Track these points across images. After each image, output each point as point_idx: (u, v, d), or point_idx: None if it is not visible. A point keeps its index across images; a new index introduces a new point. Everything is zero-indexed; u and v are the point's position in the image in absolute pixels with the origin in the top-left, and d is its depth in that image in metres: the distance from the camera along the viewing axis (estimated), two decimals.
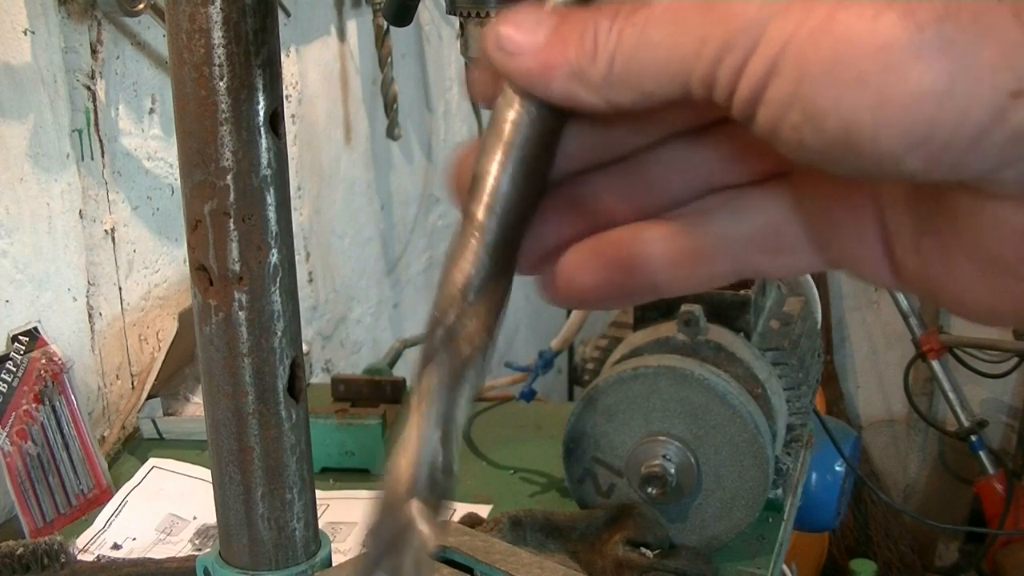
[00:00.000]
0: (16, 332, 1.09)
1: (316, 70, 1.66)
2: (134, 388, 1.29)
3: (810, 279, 1.18)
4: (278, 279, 0.65)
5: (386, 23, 1.69)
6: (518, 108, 0.33)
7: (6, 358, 1.06)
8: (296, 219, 1.02)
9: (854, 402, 3.03)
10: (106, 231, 1.25)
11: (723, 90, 0.30)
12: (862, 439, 2.87)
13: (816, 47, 0.28)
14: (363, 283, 1.87)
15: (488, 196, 0.33)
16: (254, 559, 0.69)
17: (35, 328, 1.10)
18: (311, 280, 1.69)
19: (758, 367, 0.99)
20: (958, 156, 0.27)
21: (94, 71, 1.21)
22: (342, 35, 1.73)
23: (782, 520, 1.04)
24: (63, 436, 1.10)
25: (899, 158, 0.28)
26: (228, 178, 0.62)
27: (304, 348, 0.71)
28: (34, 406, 1.07)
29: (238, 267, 0.63)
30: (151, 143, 1.31)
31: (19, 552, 0.92)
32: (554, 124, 0.33)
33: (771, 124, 0.29)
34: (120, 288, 1.28)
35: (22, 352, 1.08)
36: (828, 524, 1.34)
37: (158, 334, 1.34)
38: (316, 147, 1.68)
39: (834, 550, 2.56)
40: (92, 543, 1.05)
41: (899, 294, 2.57)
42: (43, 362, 1.09)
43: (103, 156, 1.23)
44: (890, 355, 2.93)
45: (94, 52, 1.21)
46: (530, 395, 1.19)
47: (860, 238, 0.34)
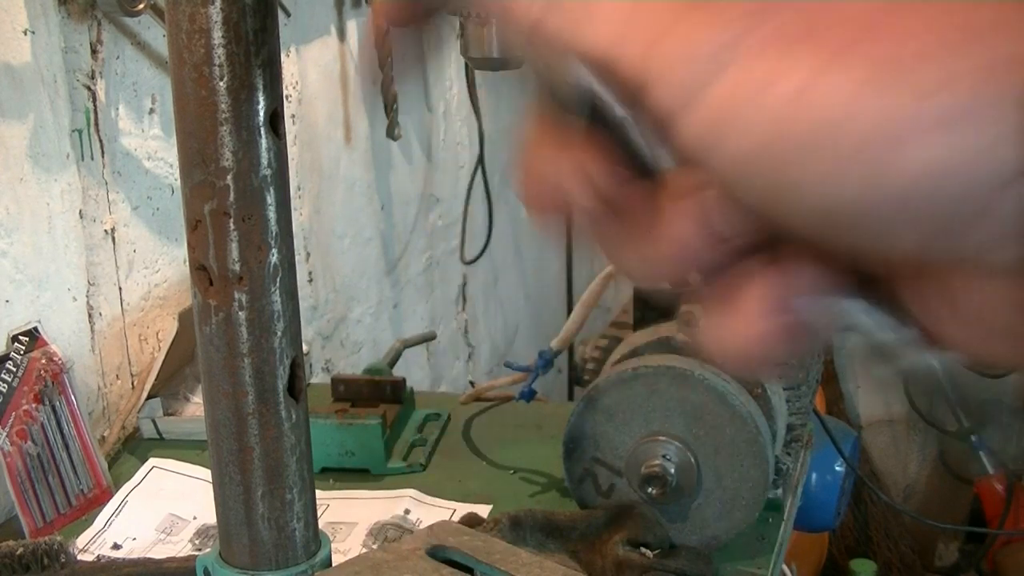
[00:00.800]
0: (16, 332, 1.09)
1: (316, 70, 1.66)
2: (134, 388, 1.29)
3: None
4: (278, 279, 0.65)
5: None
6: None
7: (6, 358, 1.06)
8: (296, 219, 1.03)
9: (854, 402, 3.03)
10: (106, 231, 1.25)
11: (665, 106, 0.27)
12: (862, 439, 2.87)
13: (797, 114, 0.25)
14: (363, 283, 1.87)
15: None
16: (254, 559, 0.69)
17: (35, 328, 1.10)
18: (311, 280, 1.69)
19: None
20: (959, 234, 0.25)
21: (94, 71, 1.21)
22: (342, 35, 1.73)
23: (782, 520, 1.04)
24: (63, 436, 1.10)
25: (892, 234, 0.26)
26: (228, 178, 0.62)
27: (304, 348, 0.71)
28: (34, 406, 1.07)
29: (238, 267, 0.63)
30: (151, 143, 1.31)
31: (19, 552, 0.92)
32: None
33: (729, 177, 0.27)
34: (120, 288, 1.28)
35: (22, 352, 1.08)
36: (828, 524, 1.34)
37: (158, 334, 1.34)
38: (316, 147, 1.68)
39: (834, 550, 2.56)
40: (92, 543, 1.05)
41: None
42: (43, 362, 1.09)
43: (103, 156, 1.23)
44: None
45: (94, 52, 1.21)
46: (530, 395, 1.19)
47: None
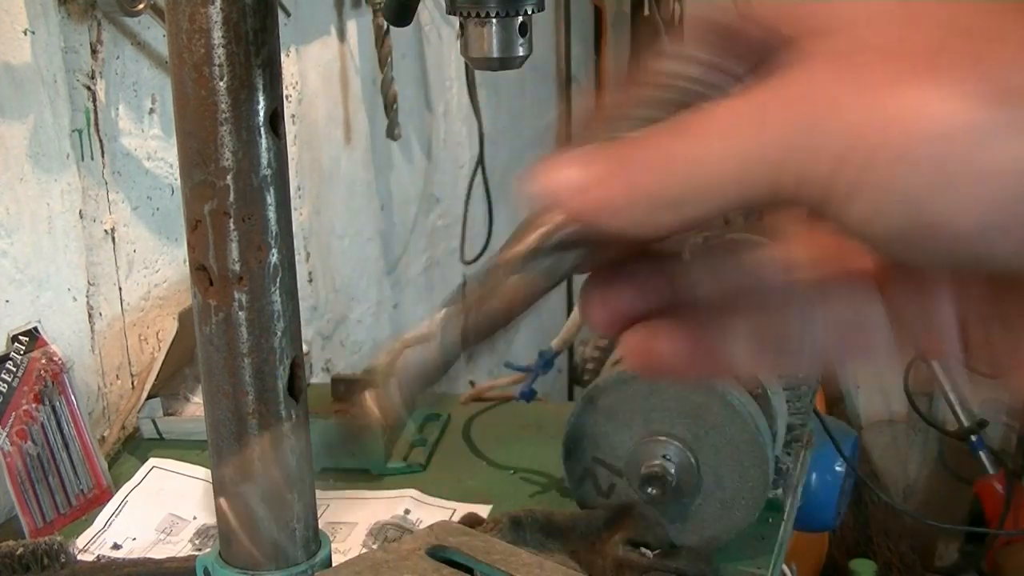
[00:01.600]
0: (16, 332, 1.09)
1: (316, 70, 1.66)
2: (134, 388, 1.29)
3: None
4: (278, 279, 0.65)
5: (386, 23, 1.69)
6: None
7: (6, 358, 1.06)
8: (296, 219, 1.02)
9: (854, 402, 3.03)
10: (106, 231, 1.25)
11: (794, 190, 0.29)
12: (862, 439, 2.87)
13: (886, 137, 0.27)
14: (363, 283, 1.87)
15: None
16: (254, 559, 0.69)
17: (35, 328, 1.10)
18: (311, 280, 1.69)
19: None
20: None
21: (94, 71, 1.21)
22: (342, 35, 1.73)
23: (782, 520, 1.04)
24: (63, 436, 1.10)
25: (984, 242, 0.27)
26: (228, 178, 0.62)
27: (304, 348, 0.71)
28: (34, 406, 1.07)
29: (238, 267, 0.63)
30: (151, 143, 1.31)
31: (19, 552, 0.92)
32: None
33: (865, 216, 0.28)
34: (120, 288, 1.28)
35: (22, 352, 1.08)
36: (828, 524, 1.34)
37: (158, 334, 1.34)
38: (316, 147, 1.68)
39: (834, 550, 2.56)
40: (92, 543, 1.05)
41: None
42: (43, 362, 1.09)
43: (103, 156, 1.23)
44: None
45: (94, 52, 1.21)
46: (530, 395, 1.19)
47: (940, 334, 0.33)
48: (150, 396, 1.25)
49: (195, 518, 1.09)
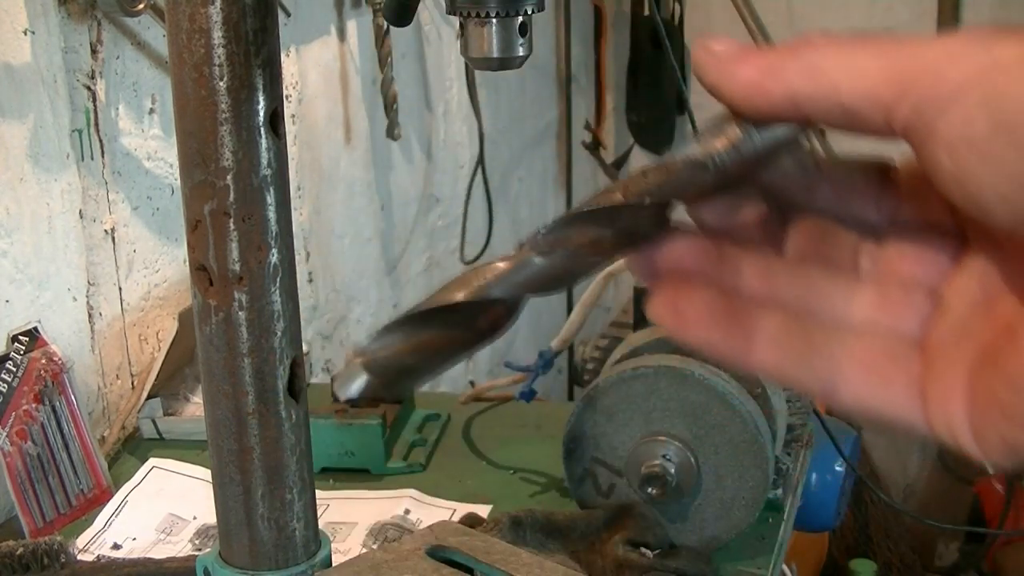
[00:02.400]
0: (16, 332, 1.09)
1: (316, 70, 1.66)
2: (134, 388, 1.29)
3: None
4: (278, 279, 0.65)
5: (386, 23, 1.69)
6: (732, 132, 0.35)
7: (6, 358, 1.06)
8: (296, 219, 1.02)
9: None
10: (106, 231, 1.25)
11: (921, 119, 0.31)
12: (862, 439, 2.86)
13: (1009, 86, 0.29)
14: (363, 283, 1.87)
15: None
16: (254, 559, 0.69)
17: (35, 328, 1.10)
18: (311, 280, 1.69)
19: None
20: None
21: (94, 71, 1.21)
22: (342, 35, 1.73)
23: (782, 520, 1.04)
24: (63, 436, 1.10)
25: None
26: (228, 178, 0.62)
27: (304, 348, 0.71)
28: (34, 406, 1.07)
29: (238, 267, 0.63)
30: (151, 143, 1.31)
31: (19, 552, 0.92)
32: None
33: (971, 159, 0.30)
34: (120, 288, 1.28)
35: (22, 352, 1.08)
36: (828, 524, 1.34)
37: (158, 334, 1.34)
38: (316, 147, 1.68)
39: (834, 550, 2.55)
40: (92, 543, 1.05)
41: None
42: (43, 362, 1.09)
43: (103, 156, 1.23)
44: None
45: (94, 52, 1.21)
46: (530, 395, 1.19)
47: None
48: (150, 396, 1.25)
49: (195, 518, 1.09)
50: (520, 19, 0.71)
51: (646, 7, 2.71)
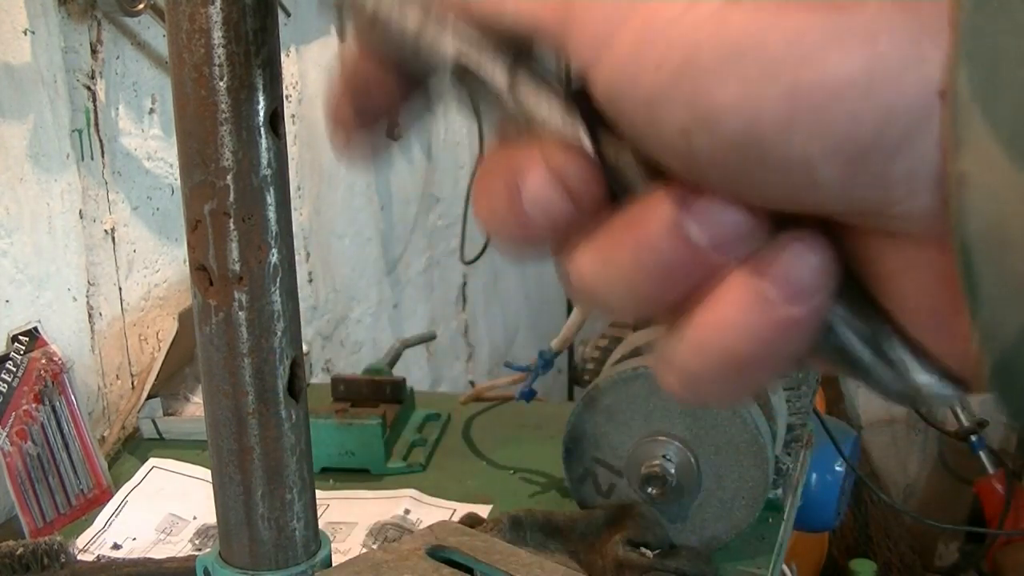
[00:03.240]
0: (16, 332, 1.09)
1: (316, 70, 1.66)
2: (134, 388, 1.29)
3: None
4: (278, 279, 0.65)
5: None
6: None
7: (6, 358, 1.06)
8: (296, 219, 1.03)
9: (854, 402, 3.03)
10: (106, 231, 1.25)
11: (575, 55, 0.27)
12: (862, 439, 2.87)
13: (712, 35, 0.25)
14: (363, 283, 1.87)
15: None
16: (254, 559, 0.69)
17: (35, 328, 1.10)
18: (311, 280, 1.69)
19: None
20: (881, 165, 0.24)
21: (94, 71, 1.21)
22: (342, 35, 1.73)
23: (782, 520, 1.04)
24: (63, 436, 1.10)
25: (813, 165, 0.24)
26: (228, 178, 0.62)
27: (304, 348, 0.71)
28: (34, 406, 1.07)
29: (238, 267, 0.63)
30: (151, 143, 1.31)
31: (19, 552, 0.92)
32: None
33: (644, 122, 0.26)
34: (120, 288, 1.28)
35: (22, 352, 1.08)
36: (828, 524, 1.34)
37: (158, 334, 1.34)
38: (316, 147, 1.68)
39: (834, 550, 2.56)
40: (92, 543, 1.05)
41: None
42: (43, 362, 1.09)
43: (103, 156, 1.23)
44: None
45: (94, 52, 1.21)
46: (530, 395, 1.19)
47: None
48: (150, 396, 1.25)
49: (195, 518, 1.09)
50: None
51: None
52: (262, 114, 0.62)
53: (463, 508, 1.07)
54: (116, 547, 1.04)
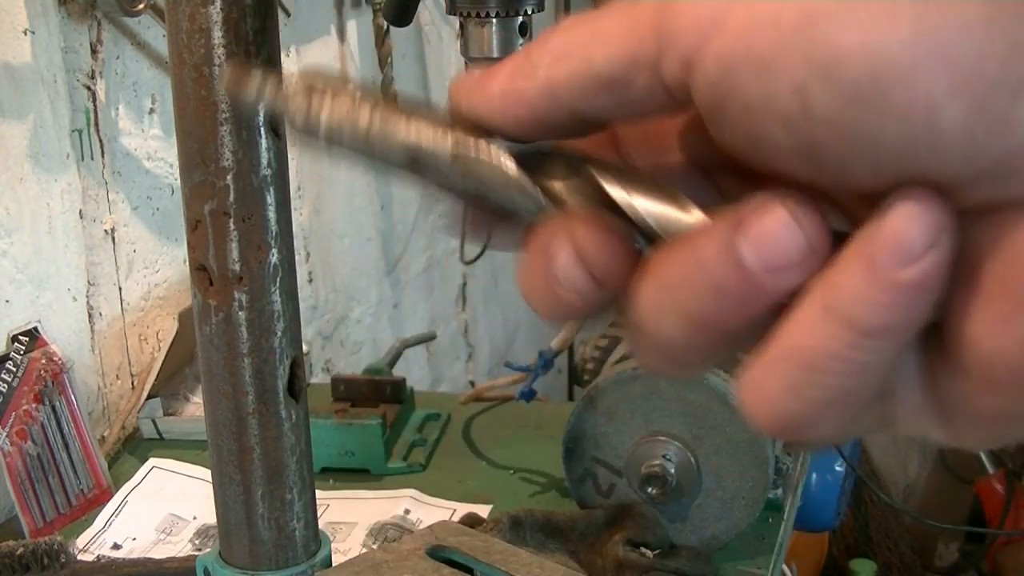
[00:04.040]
0: (16, 332, 1.09)
1: None
2: (134, 388, 1.29)
3: None
4: (278, 279, 0.65)
5: (386, 23, 1.69)
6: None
7: (6, 358, 1.06)
8: (296, 219, 1.02)
9: None
10: (106, 231, 1.25)
11: (683, 49, 0.27)
12: (862, 439, 2.87)
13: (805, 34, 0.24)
14: (363, 283, 1.87)
15: None
16: (254, 559, 0.69)
17: (35, 328, 1.10)
18: (311, 280, 1.69)
19: None
20: (1008, 103, 0.23)
21: (94, 71, 1.21)
22: (342, 35, 1.73)
23: (782, 520, 1.04)
24: (63, 436, 1.10)
25: (938, 107, 0.23)
26: (228, 178, 0.62)
27: (304, 348, 0.71)
28: (34, 406, 1.07)
29: (238, 267, 0.63)
30: (151, 143, 1.31)
31: (19, 552, 0.92)
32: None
33: (757, 94, 0.26)
34: (120, 288, 1.28)
35: (22, 352, 1.08)
36: (828, 524, 1.34)
37: (158, 334, 1.34)
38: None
39: (834, 550, 2.55)
40: (92, 543, 1.05)
41: None
42: (43, 362, 1.09)
43: (103, 156, 1.23)
44: None
45: (94, 52, 1.21)
46: (530, 395, 1.19)
47: None
48: (150, 396, 1.25)
49: (195, 518, 1.09)
50: (520, 19, 0.71)
51: None
52: (262, 114, 0.62)
53: (463, 508, 1.07)
54: (116, 547, 1.04)
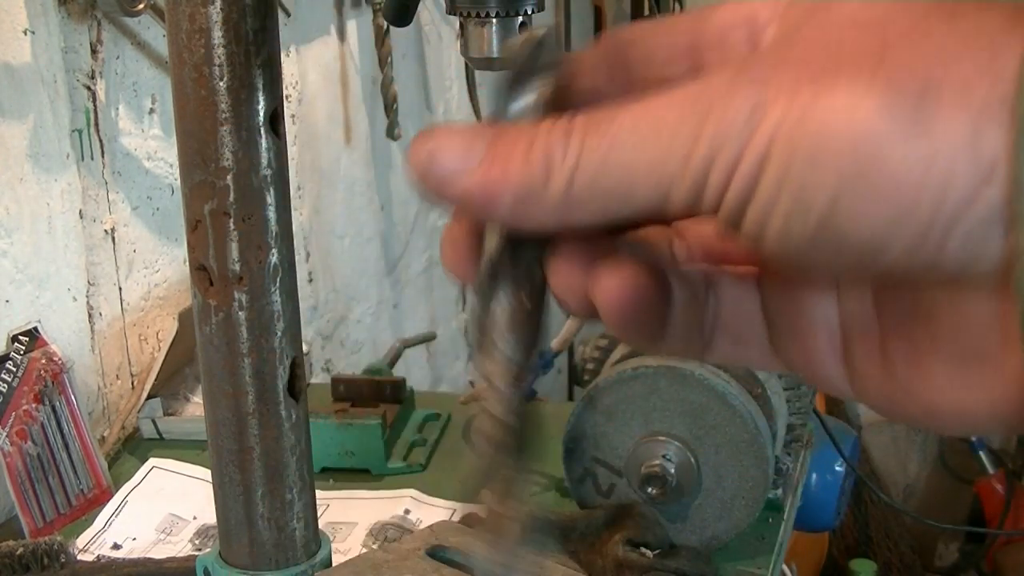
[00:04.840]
0: (16, 332, 1.09)
1: (316, 70, 1.66)
2: (134, 388, 1.29)
3: None
4: (278, 279, 0.65)
5: (386, 23, 1.69)
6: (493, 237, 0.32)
7: (6, 358, 1.06)
8: (296, 219, 1.02)
9: (854, 402, 3.02)
10: (106, 231, 1.25)
11: (714, 192, 0.29)
12: (862, 439, 2.87)
13: (801, 136, 0.27)
14: (363, 283, 1.87)
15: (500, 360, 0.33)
16: (254, 559, 0.69)
17: (35, 328, 1.10)
18: (311, 280, 1.69)
19: None
20: (938, 241, 0.27)
21: (94, 71, 1.21)
22: (342, 35, 1.73)
23: (782, 520, 1.04)
24: (63, 436, 1.10)
25: (881, 246, 0.27)
26: (228, 178, 0.62)
27: (304, 348, 0.71)
28: (34, 406, 1.07)
29: (238, 267, 0.63)
30: (151, 143, 1.31)
31: (19, 552, 0.92)
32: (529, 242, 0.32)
33: (760, 218, 0.28)
34: (120, 288, 1.28)
35: (22, 352, 1.08)
36: (828, 524, 1.34)
37: (158, 334, 1.34)
38: (316, 147, 1.68)
39: (834, 550, 2.56)
40: (92, 543, 1.05)
41: None
42: (43, 362, 1.09)
43: (103, 156, 1.23)
44: None
45: (94, 52, 1.21)
46: (530, 395, 1.18)
47: (815, 346, 0.33)
48: (150, 396, 1.25)
49: (195, 518, 1.09)
50: (520, 19, 0.71)
51: (646, 7, 2.71)
52: (262, 114, 0.62)
53: (463, 508, 1.07)
54: (116, 547, 1.04)
